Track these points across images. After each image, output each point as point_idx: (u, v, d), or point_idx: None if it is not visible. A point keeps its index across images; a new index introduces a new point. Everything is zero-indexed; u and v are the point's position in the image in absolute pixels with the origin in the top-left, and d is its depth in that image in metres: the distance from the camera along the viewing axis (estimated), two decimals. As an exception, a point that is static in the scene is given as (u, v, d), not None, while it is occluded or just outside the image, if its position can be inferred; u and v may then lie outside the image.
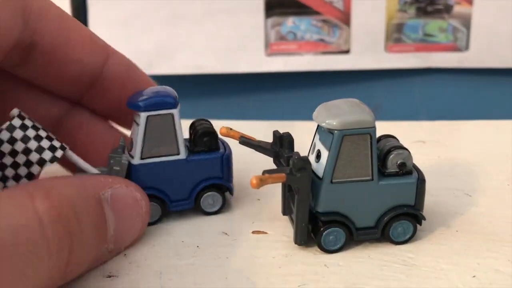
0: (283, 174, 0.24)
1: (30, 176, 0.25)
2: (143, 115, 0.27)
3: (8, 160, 0.25)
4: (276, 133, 0.28)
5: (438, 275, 0.24)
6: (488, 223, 0.28)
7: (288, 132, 0.27)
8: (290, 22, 0.49)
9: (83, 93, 0.30)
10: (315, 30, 0.49)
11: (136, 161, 0.28)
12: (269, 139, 0.28)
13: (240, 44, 0.49)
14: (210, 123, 0.30)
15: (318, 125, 0.26)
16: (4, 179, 0.25)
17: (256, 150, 0.28)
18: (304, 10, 0.48)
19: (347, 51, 0.49)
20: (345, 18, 0.48)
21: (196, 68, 0.49)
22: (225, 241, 0.27)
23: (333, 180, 0.25)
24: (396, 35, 0.49)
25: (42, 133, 0.26)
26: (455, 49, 0.49)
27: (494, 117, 0.45)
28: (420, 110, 0.51)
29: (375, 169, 0.25)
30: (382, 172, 0.26)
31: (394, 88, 0.51)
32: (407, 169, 0.26)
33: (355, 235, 0.26)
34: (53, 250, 0.20)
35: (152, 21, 0.49)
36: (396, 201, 0.26)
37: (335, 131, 0.25)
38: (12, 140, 0.25)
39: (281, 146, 0.27)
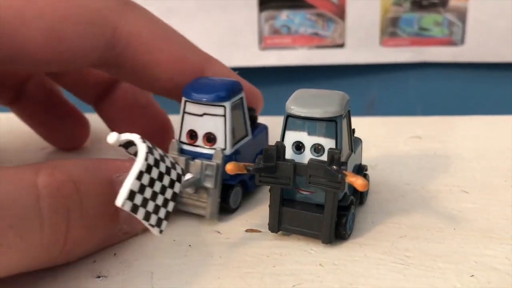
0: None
1: (167, 216, 0.24)
2: (228, 104, 0.27)
3: (151, 204, 0.23)
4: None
5: (435, 274, 0.24)
6: (486, 221, 0.28)
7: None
8: (284, 15, 0.48)
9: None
10: (309, 24, 0.48)
11: (229, 151, 0.28)
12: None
13: (234, 38, 0.48)
14: None
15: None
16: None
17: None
18: (298, 4, 0.48)
19: (341, 45, 0.49)
20: (340, 12, 0.48)
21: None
22: (218, 239, 0.27)
23: None
24: (391, 29, 0.48)
25: (168, 162, 0.24)
26: (451, 43, 0.48)
27: (490, 112, 0.45)
28: (415, 104, 0.51)
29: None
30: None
31: (389, 83, 0.51)
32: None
33: None
34: (45, 224, 0.21)
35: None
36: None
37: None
38: (151, 183, 0.23)
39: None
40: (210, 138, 0.28)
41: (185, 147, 0.28)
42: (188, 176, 0.27)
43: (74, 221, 0.22)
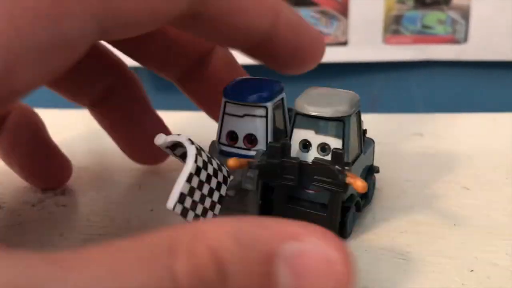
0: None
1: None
2: (270, 105, 0.27)
3: (199, 207, 0.22)
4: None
5: (435, 269, 0.24)
6: (486, 217, 0.28)
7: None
8: (287, 13, 0.48)
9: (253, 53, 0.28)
10: (312, 21, 0.48)
11: None
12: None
13: (237, 35, 0.49)
14: None
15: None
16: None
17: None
18: (301, 1, 0.48)
19: (344, 43, 0.49)
20: (343, 10, 0.48)
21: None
22: (220, 234, 0.27)
23: None
24: (394, 27, 0.48)
25: (215, 164, 0.23)
26: (454, 41, 0.48)
27: (492, 110, 0.45)
28: (417, 102, 0.51)
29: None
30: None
31: (391, 80, 0.51)
32: None
33: None
34: None
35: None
36: None
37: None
38: (200, 185, 0.22)
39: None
40: (251, 140, 0.27)
41: (225, 148, 0.28)
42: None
43: None
